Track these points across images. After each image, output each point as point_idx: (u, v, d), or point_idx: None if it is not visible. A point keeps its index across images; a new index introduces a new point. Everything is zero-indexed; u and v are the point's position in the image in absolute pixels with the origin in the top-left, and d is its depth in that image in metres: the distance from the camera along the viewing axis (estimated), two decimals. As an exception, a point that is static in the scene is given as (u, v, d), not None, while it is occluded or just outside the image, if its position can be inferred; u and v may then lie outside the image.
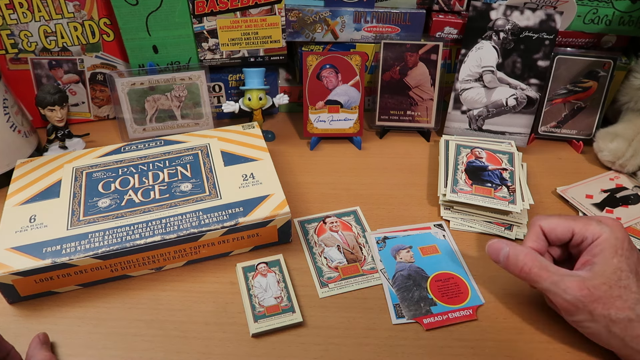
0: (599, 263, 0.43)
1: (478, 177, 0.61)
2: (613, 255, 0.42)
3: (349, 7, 0.69)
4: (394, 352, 0.46)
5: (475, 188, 0.60)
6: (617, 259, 0.42)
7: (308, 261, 0.54)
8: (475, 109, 0.71)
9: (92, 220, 0.52)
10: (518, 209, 0.57)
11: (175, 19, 0.66)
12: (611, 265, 0.42)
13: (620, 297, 0.41)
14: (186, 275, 0.53)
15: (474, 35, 0.68)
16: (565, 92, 0.70)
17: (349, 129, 0.71)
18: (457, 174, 0.62)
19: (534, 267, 0.44)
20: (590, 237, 0.44)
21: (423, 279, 0.53)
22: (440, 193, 0.61)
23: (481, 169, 0.62)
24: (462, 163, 0.64)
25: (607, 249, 0.43)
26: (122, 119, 0.69)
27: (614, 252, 0.42)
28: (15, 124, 0.62)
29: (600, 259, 0.43)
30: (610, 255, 0.42)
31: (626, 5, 0.69)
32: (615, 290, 0.41)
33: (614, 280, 0.41)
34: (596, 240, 0.44)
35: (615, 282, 0.41)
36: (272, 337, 0.47)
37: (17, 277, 0.47)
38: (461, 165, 0.63)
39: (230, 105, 0.70)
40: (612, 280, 0.41)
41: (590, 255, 0.44)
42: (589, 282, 0.42)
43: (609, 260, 0.42)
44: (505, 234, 0.57)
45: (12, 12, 0.64)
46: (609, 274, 0.42)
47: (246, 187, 0.56)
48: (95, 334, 0.47)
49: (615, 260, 0.42)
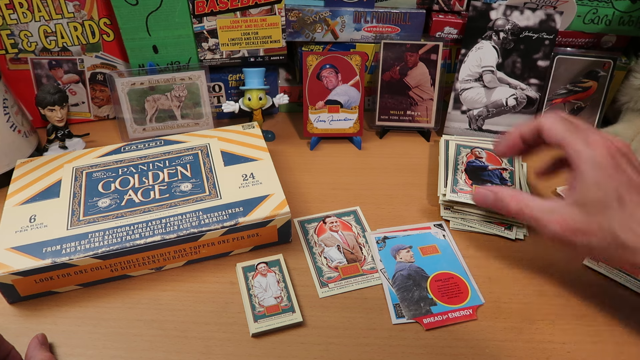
0: (578, 190, 0.41)
1: (478, 177, 0.61)
2: (592, 183, 0.40)
3: (349, 7, 0.69)
4: (394, 352, 0.46)
5: (475, 188, 0.59)
6: (596, 190, 0.40)
7: (308, 261, 0.54)
8: (475, 109, 0.71)
9: (92, 220, 0.52)
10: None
11: (175, 19, 0.66)
12: (590, 196, 0.40)
13: (600, 226, 0.40)
14: (186, 275, 0.53)
15: (474, 35, 0.68)
16: (565, 92, 0.70)
17: (349, 129, 0.71)
18: (457, 174, 0.62)
19: (517, 207, 0.45)
20: (573, 157, 0.42)
21: (423, 278, 0.53)
22: (440, 193, 0.61)
23: (481, 169, 0.62)
24: (462, 163, 0.64)
25: (586, 176, 0.41)
26: (122, 119, 0.69)
27: (593, 180, 0.40)
28: (15, 124, 0.62)
29: (579, 184, 0.41)
30: (589, 183, 0.41)
31: (626, 5, 0.69)
32: (595, 222, 0.40)
33: (593, 209, 0.40)
34: (576, 163, 0.42)
35: (595, 213, 0.40)
36: (272, 337, 0.47)
37: (17, 277, 0.47)
38: (461, 165, 0.63)
39: (230, 105, 0.70)
40: (591, 210, 0.40)
41: (573, 177, 0.43)
42: (568, 215, 0.41)
43: (589, 187, 0.41)
44: (505, 233, 0.57)
45: (12, 12, 0.64)
46: (587, 203, 0.41)
47: (246, 187, 0.56)
48: (95, 334, 0.47)
49: (595, 192, 0.40)
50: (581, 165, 0.42)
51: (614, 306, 0.50)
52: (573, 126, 0.44)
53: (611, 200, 0.40)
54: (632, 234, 0.39)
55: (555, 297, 0.51)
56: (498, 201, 0.48)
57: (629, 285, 0.52)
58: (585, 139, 0.42)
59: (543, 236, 0.44)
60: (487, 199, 0.49)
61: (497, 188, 0.49)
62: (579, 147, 0.42)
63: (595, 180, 0.40)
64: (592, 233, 0.40)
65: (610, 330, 0.48)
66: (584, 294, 0.52)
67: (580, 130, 0.43)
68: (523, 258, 0.55)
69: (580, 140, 0.42)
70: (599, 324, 0.49)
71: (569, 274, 0.54)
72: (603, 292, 0.52)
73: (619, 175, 0.40)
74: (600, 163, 0.41)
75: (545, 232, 0.43)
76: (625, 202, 0.39)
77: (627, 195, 0.40)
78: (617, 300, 0.51)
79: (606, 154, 0.41)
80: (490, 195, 0.49)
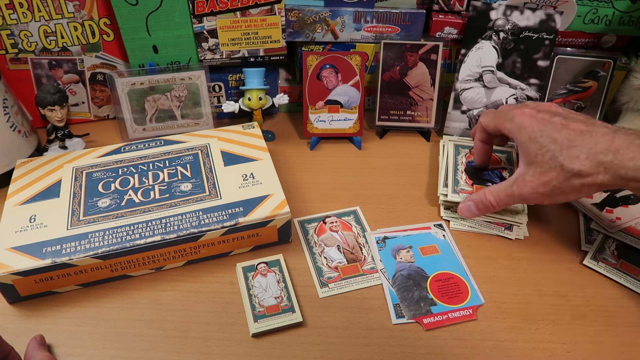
0: (522, 154, 0.50)
1: (478, 177, 0.61)
2: (527, 141, 0.49)
3: (349, 7, 0.69)
4: (394, 352, 0.46)
5: (476, 188, 0.60)
6: (533, 144, 0.48)
7: (308, 261, 0.54)
8: (475, 109, 0.71)
9: (92, 220, 0.52)
10: (519, 209, 0.58)
11: (175, 19, 0.66)
12: (532, 152, 0.48)
13: (553, 168, 0.47)
14: (186, 275, 0.53)
15: (474, 35, 0.68)
16: (565, 92, 0.70)
17: (349, 129, 0.71)
18: (457, 174, 0.62)
19: (494, 198, 0.52)
20: (508, 133, 0.52)
21: (423, 278, 0.53)
22: (440, 193, 0.60)
23: (481, 168, 0.62)
24: (461, 163, 0.64)
25: (521, 141, 0.50)
26: (122, 119, 0.69)
27: (526, 139, 0.49)
28: (15, 124, 0.62)
29: (521, 149, 0.50)
30: (526, 143, 0.49)
31: (626, 5, 0.69)
32: (546, 168, 0.47)
33: (540, 160, 0.48)
34: (512, 136, 0.52)
35: (543, 162, 0.47)
36: (272, 337, 0.47)
37: (17, 277, 0.47)
38: (461, 166, 0.63)
39: (230, 105, 0.70)
40: (539, 161, 0.48)
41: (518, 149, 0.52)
42: (527, 176, 0.49)
43: (529, 151, 0.49)
44: (505, 234, 0.57)
45: (12, 12, 0.64)
46: (533, 158, 0.48)
47: (246, 187, 0.56)
48: (95, 334, 0.47)
49: (533, 146, 0.48)
50: (515, 136, 0.51)
51: (614, 306, 0.50)
52: (499, 113, 0.54)
53: (548, 145, 0.47)
54: (577, 161, 0.45)
55: (555, 297, 0.51)
56: (480, 204, 0.54)
57: (629, 285, 0.52)
58: (510, 117, 0.52)
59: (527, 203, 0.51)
60: (471, 208, 0.55)
61: (474, 195, 0.55)
62: (507, 124, 0.52)
63: (528, 138, 0.49)
64: (551, 177, 0.47)
65: (610, 330, 0.48)
66: (584, 294, 0.52)
67: (504, 113, 0.53)
68: (523, 258, 0.55)
69: (507, 120, 0.52)
70: (599, 324, 0.49)
71: (569, 274, 0.54)
72: (603, 292, 0.52)
73: (543, 125, 0.48)
74: (525, 126, 0.49)
75: (523, 199, 0.50)
76: (558, 140, 0.47)
77: (558, 134, 0.47)
78: (617, 300, 0.51)
79: (527, 117, 0.50)
80: (471, 204, 0.55)
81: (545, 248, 0.57)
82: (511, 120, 0.51)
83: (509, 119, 0.52)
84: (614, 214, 0.60)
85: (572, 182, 0.46)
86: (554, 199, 0.48)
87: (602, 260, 0.55)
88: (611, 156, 0.43)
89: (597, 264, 0.54)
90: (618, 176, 0.43)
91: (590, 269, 0.54)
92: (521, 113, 0.50)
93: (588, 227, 0.59)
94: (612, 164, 0.43)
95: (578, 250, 0.57)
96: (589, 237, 0.58)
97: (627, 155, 0.43)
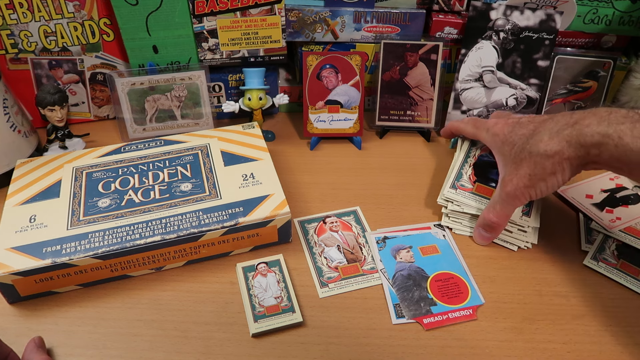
0: (500, 159, 0.54)
1: (485, 175, 0.60)
2: (501, 145, 0.53)
3: (349, 7, 0.69)
4: (394, 352, 0.46)
5: (477, 187, 0.59)
6: (506, 146, 0.52)
7: (308, 261, 0.54)
8: (475, 109, 0.71)
9: (92, 220, 0.52)
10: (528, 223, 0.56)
11: (175, 19, 0.66)
12: (505, 153, 0.52)
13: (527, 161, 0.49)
14: (186, 275, 0.53)
15: (474, 35, 0.68)
16: (565, 92, 0.70)
17: (349, 129, 0.71)
18: (464, 167, 0.61)
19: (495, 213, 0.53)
20: (485, 143, 0.57)
21: (423, 278, 0.53)
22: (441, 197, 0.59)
23: (491, 165, 0.60)
24: (473, 156, 0.62)
25: (496, 146, 0.54)
26: (122, 119, 0.69)
27: (500, 144, 0.53)
28: (15, 124, 0.62)
29: (497, 155, 0.55)
30: (500, 147, 0.53)
31: (626, 5, 0.69)
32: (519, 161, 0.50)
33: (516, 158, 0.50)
34: (488, 145, 0.57)
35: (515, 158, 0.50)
36: (272, 337, 0.47)
37: (17, 277, 0.47)
38: (471, 159, 0.62)
39: (230, 105, 0.70)
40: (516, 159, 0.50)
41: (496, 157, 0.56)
42: (509, 176, 0.51)
43: (503, 154, 0.53)
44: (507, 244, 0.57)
45: (12, 12, 0.64)
46: (509, 159, 0.51)
47: (246, 187, 0.56)
48: (95, 334, 0.47)
49: (506, 148, 0.52)
50: (490, 144, 0.56)
51: (614, 306, 0.50)
52: (478, 122, 0.59)
53: (517, 140, 0.51)
54: (541, 143, 0.48)
55: (555, 297, 0.51)
56: (486, 226, 0.55)
57: (629, 285, 0.52)
58: (485, 127, 0.57)
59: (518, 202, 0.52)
60: (483, 234, 0.56)
61: (478, 219, 0.56)
62: (483, 134, 0.57)
63: (501, 142, 0.53)
64: (525, 168, 0.49)
65: (610, 330, 0.48)
66: (584, 294, 0.52)
67: (481, 124, 0.58)
68: (523, 258, 0.55)
69: (483, 130, 0.57)
70: (599, 324, 0.49)
71: (569, 274, 0.54)
72: (603, 292, 0.52)
73: (512, 127, 0.53)
74: (497, 132, 0.54)
75: (511, 199, 0.51)
76: (526, 134, 0.50)
77: (525, 129, 0.51)
78: (617, 300, 0.51)
79: (499, 125, 0.55)
80: (480, 229, 0.56)
81: (545, 248, 0.57)
82: (487, 130, 0.56)
83: (485, 129, 0.57)
84: (614, 214, 0.60)
85: (544, 164, 0.48)
86: (537, 188, 0.50)
87: (602, 260, 0.55)
88: (570, 129, 0.46)
89: (597, 264, 0.54)
90: (579, 145, 0.45)
91: (590, 269, 0.54)
92: (494, 123, 0.56)
93: (588, 227, 0.59)
94: (571, 135, 0.46)
95: (578, 250, 0.57)
96: (589, 237, 0.58)
97: (584, 123, 0.45)
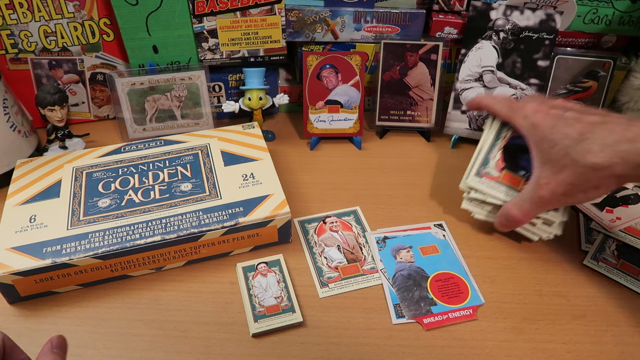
0: (536, 154, 0.48)
1: (515, 161, 0.54)
2: (540, 141, 0.47)
3: (349, 7, 0.69)
4: (394, 352, 0.46)
5: (505, 175, 0.53)
6: (546, 143, 0.46)
7: (308, 261, 0.54)
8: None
9: (92, 220, 0.52)
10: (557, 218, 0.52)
11: (175, 19, 0.66)
12: (544, 150, 0.47)
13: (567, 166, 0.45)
14: (186, 275, 0.53)
15: (474, 35, 0.68)
16: (565, 92, 0.70)
17: (349, 129, 0.71)
18: (492, 151, 0.54)
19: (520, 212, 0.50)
20: (519, 129, 0.50)
21: (423, 278, 0.53)
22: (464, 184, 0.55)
23: (523, 149, 0.52)
24: (503, 138, 0.54)
25: (534, 140, 0.48)
26: (122, 119, 0.69)
27: (539, 139, 0.47)
28: (15, 124, 0.62)
29: (534, 149, 0.48)
30: (538, 142, 0.47)
31: (626, 5, 0.69)
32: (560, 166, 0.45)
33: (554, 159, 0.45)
34: (523, 134, 0.50)
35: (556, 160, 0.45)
36: (272, 337, 0.47)
37: (17, 277, 0.47)
38: (501, 141, 0.54)
39: (230, 105, 0.70)
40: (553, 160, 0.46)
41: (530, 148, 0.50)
42: (544, 179, 0.47)
43: (542, 150, 0.47)
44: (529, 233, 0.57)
45: (12, 12, 0.64)
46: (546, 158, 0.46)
47: (246, 187, 0.56)
48: (95, 334, 0.47)
49: (545, 144, 0.46)
50: (527, 134, 0.49)
51: (614, 306, 0.50)
52: (515, 105, 0.52)
53: (561, 141, 0.45)
54: (590, 154, 0.43)
55: (555, 297, 0.51)
56: (504, 220, 0.52)
57: (629, 285, 0.52)
58: (522, 113, 0.50)
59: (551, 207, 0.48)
60: (503, 223, 0.53)
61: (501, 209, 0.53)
62: (520, 121, 0.50)
63: (541, 137, 0.47)
64: (566, 175, 0.45)
65: (610, 330, 0.48)
66: (584, 294, 0.52)
67: (519, 108, 0.51)
68: (523, 258, 0.56)
69: (519, 116, 0.50)
70: (599, 324, 0.49)
71: (569, 274, 0.54)
72: (603, 292, 0.52)
73: (556, 121, 0.46)
74: (538, 124, 0.47)
75: (545, 203, 0.48)
76: (570, 135, 0.44)
77: (570, 129, 0.45)
78: (617, 300, 0.51)
79: (540, 114, 0.48)
80: (502, 219, 0.53)
81: (545, 248, 0.57)
82: (525, 118, 0.49)
83: (522, 115, 0.49)
84: (614, 214, 0.60)
85: (589, 177, 0.43)
86: (575, 198, 0.46)
87: (602, 260, 0.55)
88: (626, 145, 0.41)
89: (597, 264, 0.54)
90: (636, 165, 0.41)
91: (590, 269, 0.54)
92: (534, 111, 0.48)
93: (588, 227, 0.59)
94: (628, 154, 0.41)
95: (578, 250, 0.57)
96: (589, 237, 0.58)
97: None
